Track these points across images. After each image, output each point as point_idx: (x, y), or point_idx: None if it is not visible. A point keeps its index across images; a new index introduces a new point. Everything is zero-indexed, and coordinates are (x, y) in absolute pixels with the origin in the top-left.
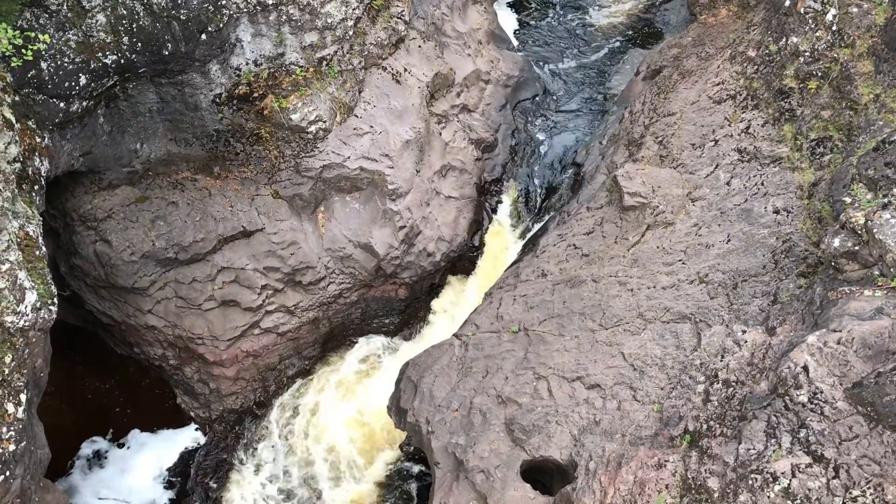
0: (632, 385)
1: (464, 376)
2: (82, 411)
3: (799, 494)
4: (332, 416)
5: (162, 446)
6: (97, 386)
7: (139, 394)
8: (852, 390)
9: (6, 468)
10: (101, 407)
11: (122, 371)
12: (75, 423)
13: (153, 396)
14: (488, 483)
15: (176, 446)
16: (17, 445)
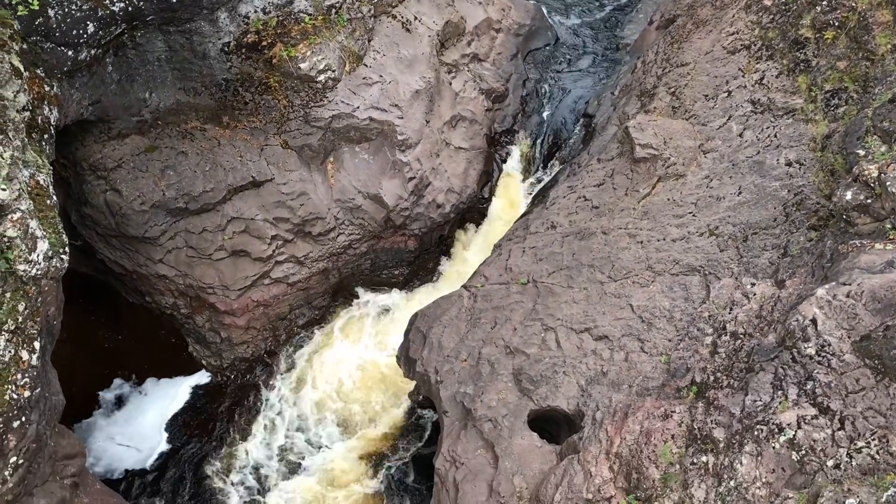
0: (640, 337)
1: (472, 327)
2: (96, 359)
3: (804, 445)
4: (342, 365)
5: (174, 393)
6: (110, 334)
7: (152, 342)
8: (860, 343)
9: (22, 414)
10: (115, 355)
11: (135, 320)
12: (89, 370)
13: (166, 345)
14: (496, 431)
15: (187, 394)
16: (32, 392)
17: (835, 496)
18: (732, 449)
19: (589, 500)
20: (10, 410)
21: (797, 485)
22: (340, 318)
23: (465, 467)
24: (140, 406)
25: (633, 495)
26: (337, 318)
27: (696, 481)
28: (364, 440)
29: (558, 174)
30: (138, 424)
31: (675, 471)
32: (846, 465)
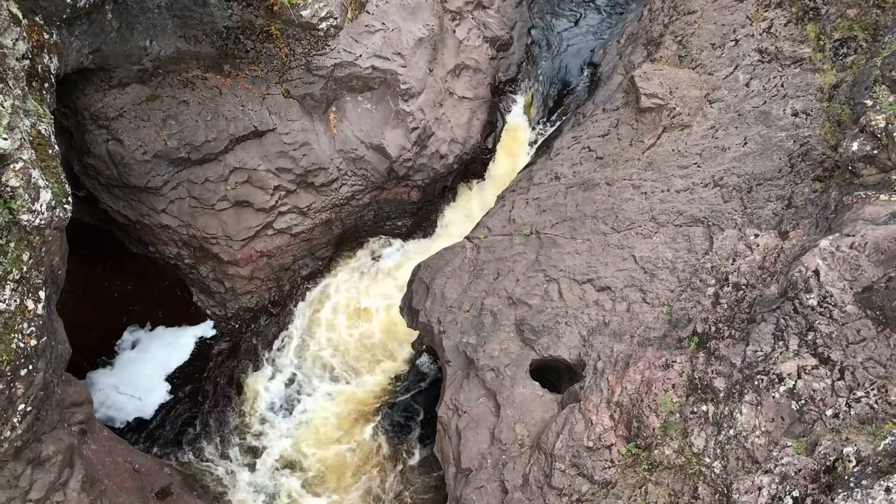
0: (642, 288)
1: (475, 278)
2: (101, 309)
3: (804, 395)
4: (346, 315)
5: (178, 343)
6: (115, 284)
7: (157, 292)
8: (862, 294)
9: (29, 362)
10: (120, 305)
11: (139, 270)
12: (94, 320)
13: (171, 295)
14: (498, 380)
15: (192, 344)
16: (39, 341)
17: (833, 445)
18: (732, 398)
19: (589, 447)
20: (18, 359)
21: (796, 434)
22: (344, 268)
23: (467, 415)
24: (144, 356)
25: (633, 443)
26: (340, 268)
27: (695, 430)
28: (367, 388)
29: (563, 124)
30: (142, 374)
31: (675, 419)
32: (845, 415)
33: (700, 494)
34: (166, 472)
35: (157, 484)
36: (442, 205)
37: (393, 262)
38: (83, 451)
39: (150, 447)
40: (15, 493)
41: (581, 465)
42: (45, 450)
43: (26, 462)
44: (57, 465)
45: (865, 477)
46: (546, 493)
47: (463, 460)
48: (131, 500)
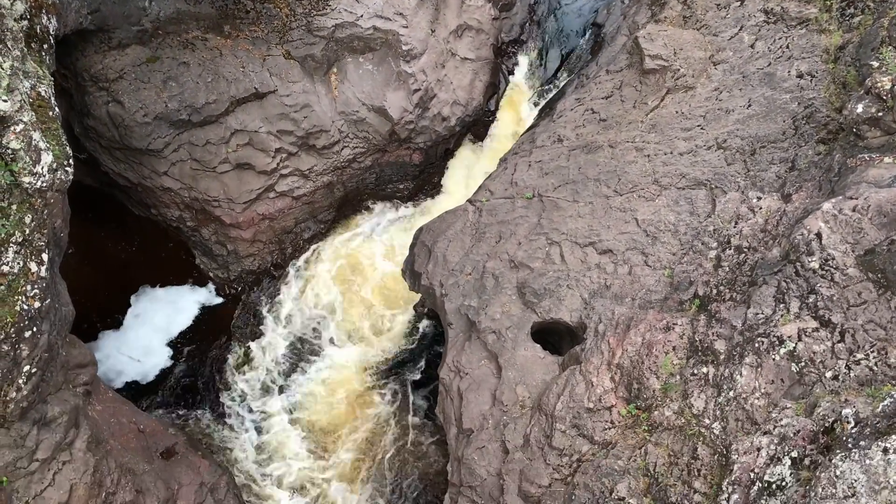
0: (644, 251)
1: (477, 241)
2: (104, 271)
3: (804, 357)
4: (348, 277)
5: (180, 305)
6: (118, 247)
7: (160, 255)
8: (864, 257)
9: (33, 324)
10: (123, 267)
11: (142, 232)
12: (97, 282)
13: (173, 258)
14: (499, 343)
15: (194, 306)
16: (42, 303)
17: (832, 406)
18: (733, 360)
19: (590, 409)
20: (22, 321)
21: (795, 395)
22: (345, 231)
23: (469, 377)
24: (147, 319)
25: (633, 405)
26: (342, 231)
27: (695, 391)
28: (369, 351)
29: (566, 86)
30: (144, 337)
31: (675, 381)
32: (844, 377)
33: (699, 455)
34: (171, 432)
35: (162, 444)
36: (444, 167)
37: (395, 225)
38: (88, 412)
39: (152, 409)
40: (21, 452)
41: (581, 425)
42: (50, 410)
43: (32, 422)
44: (62, 425)
45: (863, 438)
46: (546, 453)
47: (464, 421)
48: (136, 459)
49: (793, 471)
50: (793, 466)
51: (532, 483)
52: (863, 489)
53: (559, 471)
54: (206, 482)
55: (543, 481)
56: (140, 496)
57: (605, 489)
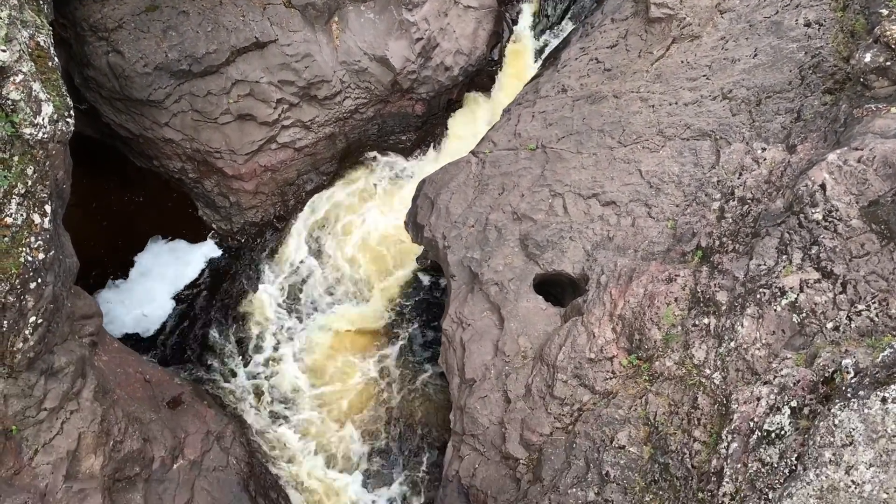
0: (647, 202)
1: (480, 193)
2: (107, 223)
3: (805, 308)
4: (350, 230)
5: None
6: (120, 199)
7: (162, 207)
8: (868, 208)
9: (38, 276)
10: (125, 219)
11: (144, 184)
12: (101, 234)
13: (176, 210)
14: (502, 294)
15: (197, 258)
16: (47, 254)
17: (832, 356)
18: (734, 311)
19: (591, 359)
20: (26, 272)
21: (796, 346)
22: (348, 183)
23: (471, 328)
24: (150, 272)
25: (634, 355)
26: (344, 183)
27: (696, 342)
28: (372, 302)
29: (570, 35)
30: (149, 290)
31: (676, 332)
32: (845, 327)
33: (699, 404)
34: (177, 382)
35: (168, 394)
36: (447, 118)
37: (397, 176)
38: (95, 363)
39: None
40: (30, 402)
41: (583, 375)
42: (57, 361)
43: (39, 373)
44: (69, 375)
45: (863, 387)
46: (548, 402)
47: (467, 371)
48: (143, 408)
49: (792, 420)
50: (792, 416)
51: (533, 431)
52: (860, 438)
53: (560, 419)
54: (212, 431)
55: (545, 430)
56: (147, 444)
57: (606, 437)
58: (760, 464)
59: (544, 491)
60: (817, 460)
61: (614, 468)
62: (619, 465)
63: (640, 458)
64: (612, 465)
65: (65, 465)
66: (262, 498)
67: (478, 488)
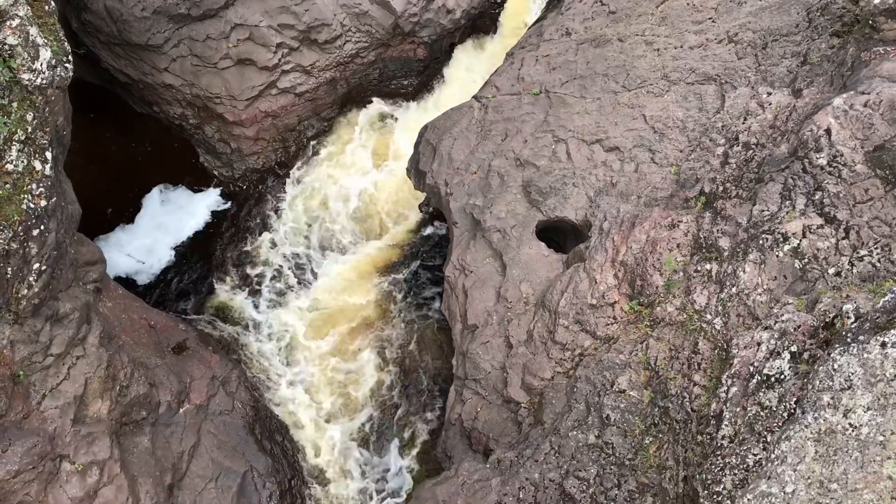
0: (651, 148)
1: (482, 139)
2: (108, 170)
3: (807, 254)
4: (352, 176)
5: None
6: (121, 145)
7: (163, 154)
8: (873, 153)
9: (40, 223)
10: (126, 166)
11: (145, 131)
12: (103, 180)
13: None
14: (504, 241)
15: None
16: (49, 201)
17: (833, 302)
18: (736, 257)
19: (593, 305)
20: (29, 219)
21: (797, 291)
22: (349, 129)
23: (473, 275)
24: (151, 218)
25: (635, 301)
26: (346, 129)
27: (698, 288)
28: (375, 249)
29: None
30: (149, 237)
31: (678, 278)
32: (847, 273)
33: (700, 349)
34: (181, 328)
35: (173, 339)
36: (449, 63)
37: (399, 122)
38: (99, 309)
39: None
40: (36, 347)
41: (584, 321)
42: (62, 307)
43: (45, 319)
44: (75, 321)
45: (863, 332)
46: (549, 347)
47: (469, 317)
48: (149, 354)
49: (791, 364)
50: (792, 360)
51: (535, 376)
52: (859, 382)
53: (561, 364)
54: (217, 375)
55: (546, 374)
56: (153, 389)
57: (606, 382)
58: (759, 407)
59: (545, 434)
60: (816, 404)
61: (614, 412)
62: (620, 409)
63: (641, 401)
64: (613, 409)
65: (72, 410)
66: (268, 441)
67: (479, 431)
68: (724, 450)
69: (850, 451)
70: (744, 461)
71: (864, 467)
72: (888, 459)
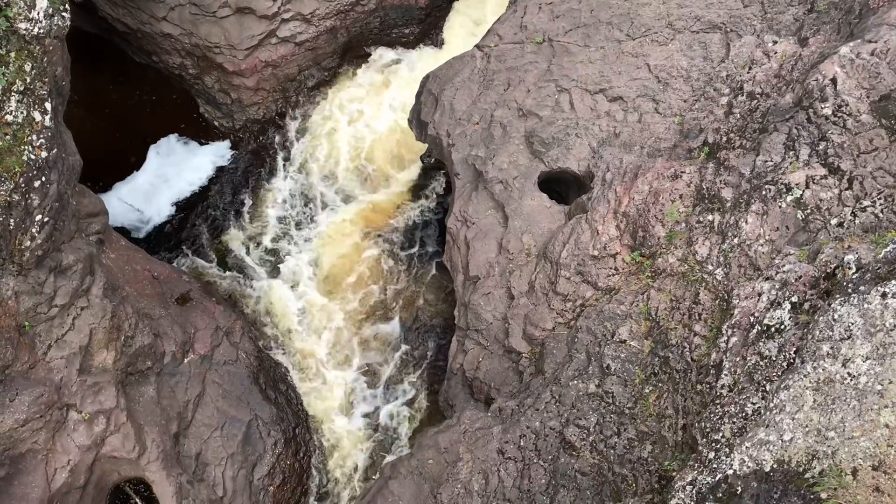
0: (655, 97)
1: (485, 89)
2: (109, 121)
3: (810, 204)
4: (354, 127)
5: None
6: (121, 96)
7: (163, 104)
8: (879, 103)
9: (41, 174)
10: (126, 117)
11: (144, 81)
12: (103, 132)
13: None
14: (506, 193)
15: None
16: (49, 152)
17: (835, 252)
18: (739, 208)
19: (595, 256)
20: (30, 171)
21: (799, 242)
22: (350, 78)
23: (475, 226)
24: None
25: (637, 252)
26: (347, 79)
27: (700, 239)
28: (377, 201)
29: None
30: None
31: (680, 229)
32: (849, 224)
33: (701, 300)
34: (184, 279)
35: (177, 290)
36: (451, 10)
37: (400, 72)
38: (102, 260)
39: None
40: (41, 298)
41: (586, 272)
42: (65, 259)
43: (48, 270)
44: (78, 272)
45: (864, 283)
46: (551, 298)
47: (471, 269)
48: (152, 305)
49: (792, 315)
50: (792, 311)
51: (536, 326)
52: (859, 332)
53: (563, 315)
54: (221, 326)
55: (547, 325)
56: (158, 340)
57: (607, 332)
58: (759, 357)
59: (546, 383)
60: (815, 353)
61: (615, 361)
62: (620, 359)
63: (641, 351)
64: (613, 359)
65: (78, 360)
66: (272, 390)
67: (481, 380)
68: (724, 399)
69: (848, 399)
70: (743, 410)
71: (862, 415)
72: (885, 408)
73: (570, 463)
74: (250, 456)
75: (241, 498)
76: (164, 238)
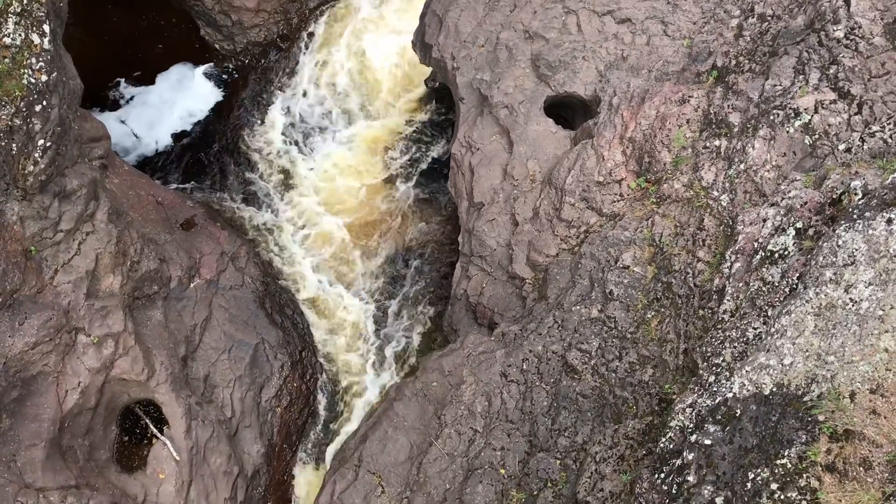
0: (664, 19)
1: (491, 10)
2: (108, 44)
3: (818, 130)
4: (357, 49)
5: (186, 80)
6: (120, 17)
7: (163, 28)
8: (893, 25)
9: (42, 98)
10: (126, 41)
11: (144, 3)
12: (103, 55)
13: (178, 30)
14: (511, 118)
15: (200, 80)
16: (49, 76)
17: (841, 178)
18: (746, 133)
19: (600, 182)
20: (31, 94)
21: (806, 168)
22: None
23: (480, 152)
24: (152, 93)
25: (642, 178)
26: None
27: (706, 164)
28: (382, 126)
29: None
30: (149, 110)
31: (686, 154)
32: (857, 149)
33: (705, 225)
34: (189, 204)
35: (182, 215)
36: None
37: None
38: (106, 185)
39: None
40: (46, 223)
41: (590, 198)
42: (69, 184)
43: (53, 195)
44: (83, 197)
45: (869, 209)
46: (555, 224)
47: (475, 195)
48: (157, 230)
49: (796, 241)
50: (796, 237)
51: (540, 253)
52: (862, 258)
53: (566, 241)
54: (226, 251)
55: (551, 251)
56: (164, 264)
57: (611, 258)
58: (762, 282)
59: (549, 308)
60: (818, 279)
61: (618, 287)
62: (623, 284)
63: (644, 277)
64: (616, 284)
65: (85, 284)
66: (278, 314)
67: (485, 305)
68: (725, 324)
69: (849, 324)
70: (744, 334)
71: (862, 340)
72: (885, 333)
73: (572, 386)
74: (257, 378)
75: (250, 418)
76: (167, 164)
